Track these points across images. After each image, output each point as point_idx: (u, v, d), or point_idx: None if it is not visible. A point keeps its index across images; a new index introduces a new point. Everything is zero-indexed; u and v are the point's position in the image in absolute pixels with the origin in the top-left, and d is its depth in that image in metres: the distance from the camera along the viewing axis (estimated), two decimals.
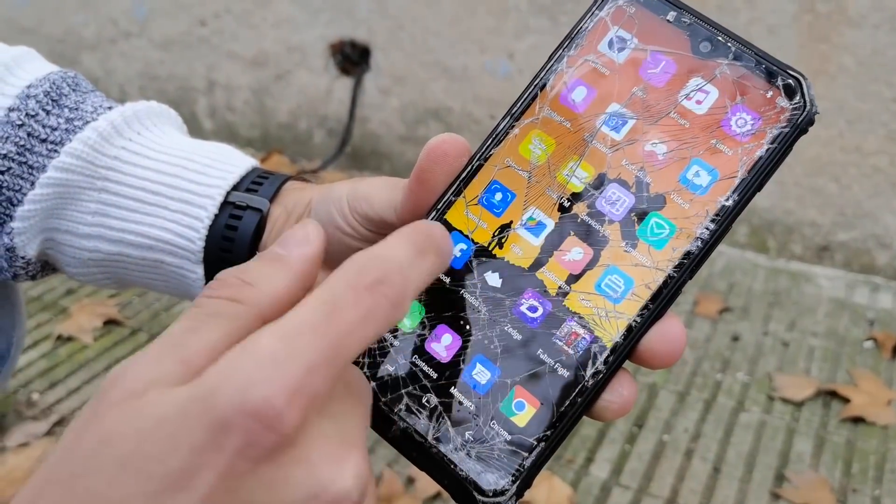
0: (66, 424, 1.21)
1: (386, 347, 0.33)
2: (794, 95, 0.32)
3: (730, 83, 0.32)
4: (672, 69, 0.33)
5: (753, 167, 0.31)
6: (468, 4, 1.80)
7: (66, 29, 2.26)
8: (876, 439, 1.24)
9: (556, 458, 1.18)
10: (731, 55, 0.33)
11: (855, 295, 1.61)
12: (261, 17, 2.03)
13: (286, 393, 0.23)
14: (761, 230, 1.73)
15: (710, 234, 0.31)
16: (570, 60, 0.34)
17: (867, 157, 1.61)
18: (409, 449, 0.31)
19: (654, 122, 0.33)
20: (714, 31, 0.33)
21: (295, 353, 0.23)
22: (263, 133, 2.14)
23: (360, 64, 1.97)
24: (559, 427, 0.31)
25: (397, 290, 0.26)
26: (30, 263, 0.49)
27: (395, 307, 0.26)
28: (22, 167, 0.46)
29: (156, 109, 0.50)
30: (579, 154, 0.33)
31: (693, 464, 1.19)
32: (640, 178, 0.32)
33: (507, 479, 0.30)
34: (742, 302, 1.58)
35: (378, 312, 0.25)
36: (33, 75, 0.48)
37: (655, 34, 0.34)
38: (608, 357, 0.31)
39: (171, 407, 0.23)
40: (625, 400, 0.32)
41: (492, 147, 0.35)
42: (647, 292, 0.31)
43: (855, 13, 1.52)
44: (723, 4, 1.59)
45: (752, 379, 1.37)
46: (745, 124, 0.32)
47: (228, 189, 0.47)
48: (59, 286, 1.53)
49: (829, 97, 1.59)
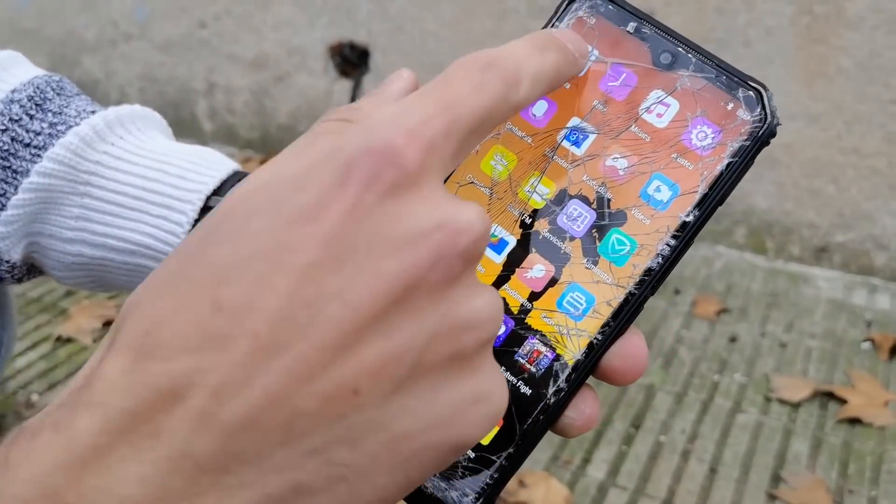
0: None
1: None
2: (755, 108, 0.31)
3: (690, 95, 0.32)
4: (633, 82, 0.33)
5: (714, 181, 0.31)
6: (467, 7, 1.81)
7: (67, 31, 2.27)
8: (873, 440, 1.24)
9: (553, 458, 1.19)
10: (691, 66, 0.32)
11: (853, 296, 1.62)
12: (261, 20, 2.03)
13: (406, 134, 0.24)
14: (759, 231, 1.73)
15: (670, 251, 0.31)
16: None
17: (865, 159, 1.61)
18: None
19: (615, 137, 0.32)
20: (675, 42, 0.33)
21: (412, 109, 0.25)
22: (263, 135, 2.15)
23: (359, 66, 1.98)
24: (522, 445, 0.31)
25: (510, 70, 0.27)
26: (15, 267, 0.49)
27: (507, 84, 0.27)
28: (5, 171, 0.46)
29: (139, 113, 0.51)
30: (540, 170, 0.33)
31: (690, 465, 1.19)
32: (601, 194, 0.32)
33: (470, 497, 0.30)
34: (740, 303, 1.58)
35: (489, 86, 0.26)
36: (18, 79, 0.48)
37: (616, 46, 0.33)
38: (570, 374, 0.31)
39: (304, 160, 0.24)
40: (587, 417, 0.32)
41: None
42: (609, 309, 0.31)
43: (853, 15, 1.52)
44: (721, 6, 1.59)
45: (750, 380, 1.37)
46: (705, 138, 0.31)
47: (209, 194, 0.47)
48: (58, 288, 1.54)
49: (827, 99, 1.60)
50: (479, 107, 0.26)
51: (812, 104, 1.61)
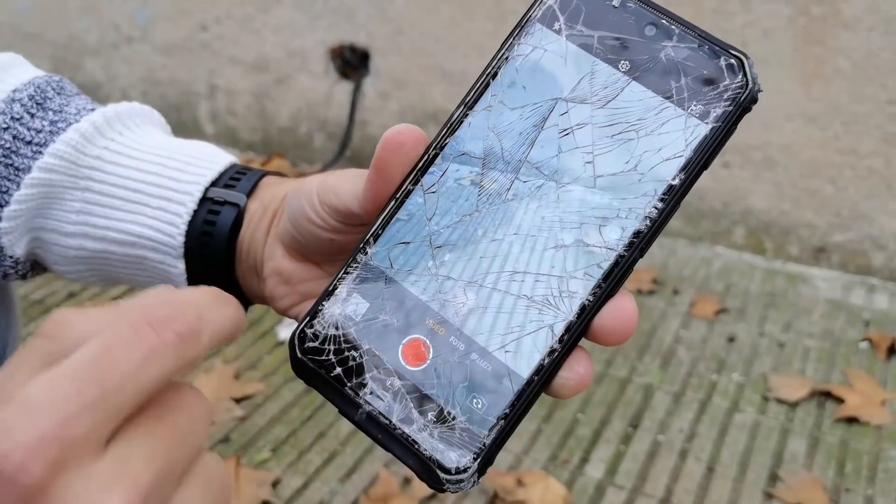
0: None
1: (350, 334, 0.34)
2: (737, 74, 0.32)
3: (674, 66, 0.33)
4: (619, 54, 0.34)
5: (699, 146, 0.32)
6: (466, 9, 1.81)
7: (70, 34, 2.28)
8: (869, 439, 1.24)
9: (551, 458, 1.20)
10: (674, 37, 0.33)
11: (851, 296, 1.62)
12: (261, 23, 2.04)
13: (32, 443, 0.22)
14: (758, 232, 1.74)
15: (658, 213, 0.32)
16: (517, 52, 0.35)
17: (863, 159, 1.62)
18: (375, 431, 0.32)
19: (603, 106, 0.33)
20: (658, 14, 0.34)
21: (50, 401, 0.23)
22: (264, 137, 2.16)
23: (359, 68, 1.99)
24: (517, 405, 0.32)
25: (190, 325, 0.25)
26: (19, 263, 0.50)
27: (185, 343, 0.25)
28: (8, 169, 0.47)
29: (137, 110, 0.52)
30: (528, 146, 0.34)
31: (687, 464, 1.20)
32: (588, 168, 0.33)
33: (468, 458, 0.31)
34: (738, 303, 1.58)
35: (163, 349, 0.25)
36: (19, 80, 0.49)
37: (602, 20, 0.34)
38: (563, 335, 0.32)
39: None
40: (580, 376, 0.33)
41: (447, 136, 0.36)
42: (599, 271, 0.32)
43: (849, 16, 1.53)
44: (718, 8, 1.60)
45: (748, 379, 1.38)
46: (687, 107, 0.33)
47: (207, 185, 0.48)
48: (61, 290, 1.55)
49: (824, 100, 1.60)
50: (151, 375, 0.24)
51: (809, 105, 1.62)
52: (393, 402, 0.32)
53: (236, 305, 0.29)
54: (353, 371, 0.33)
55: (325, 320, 0.34)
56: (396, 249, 0.35)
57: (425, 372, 0.33)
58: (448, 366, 0.33)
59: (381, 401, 0.32)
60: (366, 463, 1.17)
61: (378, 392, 0.33)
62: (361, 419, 0.32)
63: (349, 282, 0.35)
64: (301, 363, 0.34)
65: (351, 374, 0.33)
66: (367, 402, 0.33)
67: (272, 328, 1.44)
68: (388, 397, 0.32)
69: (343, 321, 0.34)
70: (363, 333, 0.34)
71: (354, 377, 0.33)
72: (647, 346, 1.45)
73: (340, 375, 0.33)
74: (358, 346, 0.34)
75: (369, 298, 0.34)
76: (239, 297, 0.51)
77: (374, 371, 0.33)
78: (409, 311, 0.34)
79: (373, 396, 0.33)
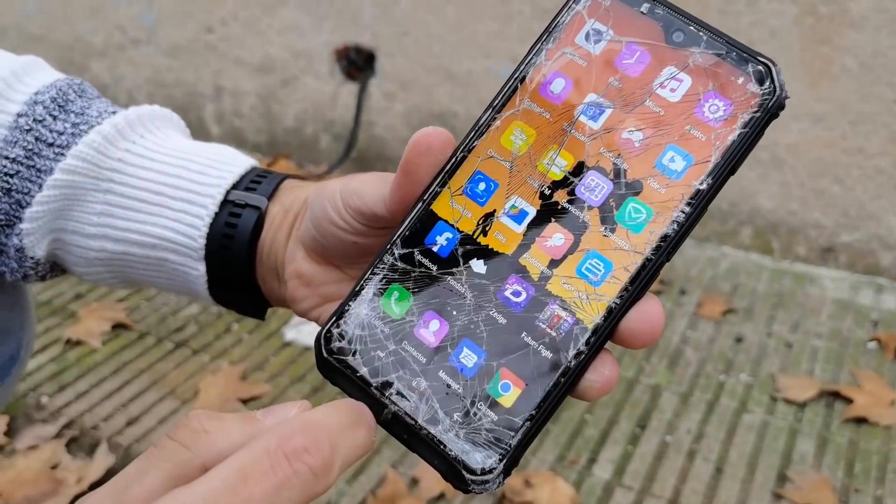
0: (74, 428, 1.23)
1: (376, 334, 0.34)
2: (765, 81, 0.33)
3: (702, 71, 0.34)
4: (646, 59, 0.34)
5: (726, 151, 0.32)
6: (472, 10, 1.81)
7: (75, 36, 2.28)
8: (878, 440, 1.24)
9: (559, 458, 1.19)
10: (702, 44, 0.34)
11: (859, 296, 1.62)
12: (267, 24, 2.04)
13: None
14: (765, 232, 1.74)
15: (685, 218, 0.32)
16: (548, 53, 0.36)
17: (870, 159, 1.61)
18: (400, 431, 0.32)
19: (631, 111, 0.34)
20: (686, 21, 0.35)
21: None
22: (270, 138, 2.16)
23: (365, 69, 1.99)
24: (544, 407, 0.32)
25: (324, 459, 0.26)
26: (39, 264, 0.50)
27: (317, 477, 0.26)
28: (30, 170, 0.47)
29: (158, 113, 0.52)
30: (559, 143, 0.35)
31: (695, 464, 1.20)
32: (618, 165, 0.34)
33: (494, 458, 0.31)
34: (746, 303, 1.58)
35: (296, 482, 0.25)
36: (41, 82, 0.50)
37: (630, 26, 0.35)
38: (589, 338, 0.32)
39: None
40: (606, 379, 0.33)
41: (475, 139, 0.36)
42: (626, 275, 0.32)
43: (856, 15, 1.53)
44: (724, 7, 1.60)
45: (756, 380, 1.37)
46: (717, 110, 0.33)
47: (228, 188, 0.48)
48: (67, 291, 1.55)
49: (831, 99, 1.60)
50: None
51: (816, 104, 1.61)
52: (419, 403, 0.32)
53: (367, 426, 0.29)
54: (379, 371, 0.33)
55: (352, 320, 0.34)
56: (424, 251, 0.35)
57: (451, 373, 0.33)
58: (475, 366, 0.33)
59: (406, 401, 0.33)
60: (373, 464, 1.17)
61: (404, 392, 0.33)
62: (387, 419, 0.33)
63: (376, 282, 0.35)
64: (326, 363, 0.34)
65: (377, 374, 0.33)
66: (393, 403, 0.33)
67: (279, 329, 1.44)
68: (413, 397, 0.33)
69: (369, 321, 0.34)
70: (389, 334, 0.34)
71: (380, 377, 0.33)
72: (655, 346, 1.45)
73: (366, 375, 0.33)
74: (384, 347, 0.34)
75: (398, 295, 0.34)
76: (258, 299, 0.51)
77: (399, 371, 0.33)
78: (436, 311, 0.34)
79: (398, 397, 0.33)
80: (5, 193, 0.47)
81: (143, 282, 0.53)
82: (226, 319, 1.48)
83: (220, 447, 0.27)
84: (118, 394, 1.30)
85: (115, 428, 1.22)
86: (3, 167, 0.47)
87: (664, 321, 0.33)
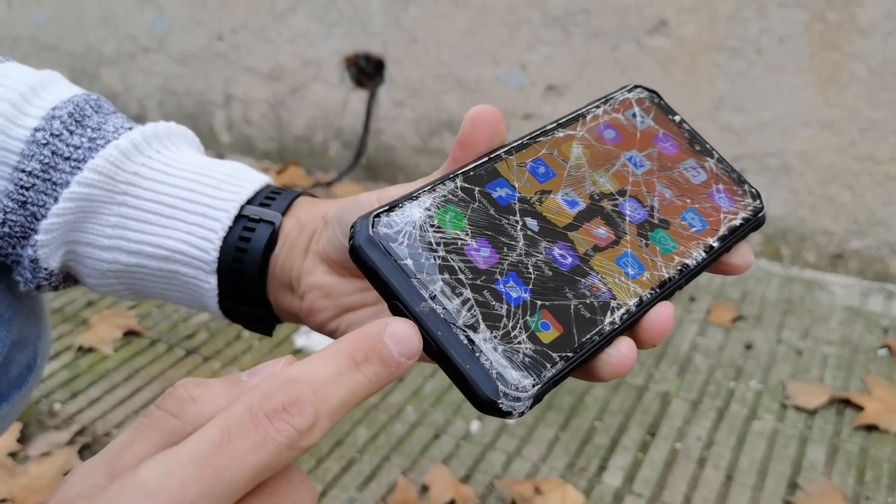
0: (86, 434, 1.23)
1: (427, 237, 0.34)
2: (757, 199, 0.43)
3: (714, 174, 0.43)
4: (675, 149, 0.43)
5: (731, 229, 0.41)
6: (481, 17, 1.82)
7: (87, 45, 2.30)
8: (890, 447, 1.24)
9: (568, 466, 1.19)
10: (715, 158, 0.44)
11: (869, 303, 1.61)
12: (276, 32, 2.06)
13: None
14: (775, 238, 1.73)
15: (702, 259, 0.40)
16: (604, 111, 0.43)
17: (880, 165, 1.61)
18: (435, 328, 0.31)
19: (663, 174, 0.42)
20: (703, 140, 0.44)
21: (167, 487, 0.24)
22: (280, 146, 2.17)
23: (374, 77, 2.00)
24: (579, 353, 0.34)
25: (304, 416, 0.26)
26: (52, 275, 0.51)
27: (301, 434, 0.26)
28: (46, 183, 0.48)
29: (174, 129, 0.53)
30: (608, 170, 0.41)
31: (706, 472, 1.19)
32: (652, 203, 0.40)
33: (529, 381, 0.32)
34: (755, 310, 1.58)
35: (280, 438, 0.25)
36: (58, 97, 0.50)
37: (664, 124, 0.44)
38: (623, 314, 0.36)
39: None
40: (623, 356, 0.35)
41: (539, 136, 0.41)
42: (656, 279, 0.37)
43: (866, 22, 1.53)
44: (733, 15, 1.60)
45: (766, 387, 1.37)
46: (724, 203, 0.42)
47: (243, 203, 0.49)
48: (79, 298, 1.56)
49: (840, 106, 1.60)
50: (261, 463, 0.25)
51: (826, 111, 1.61)
52: (461, 308, 0.32)
53: (379, 364, 0.28)
54: (425, 268, 0.33)
55: (404, 215, 0.34)
56: (484, 192, 0.37)
57: (496, 295, 0.33)
58: (518, 298, 0.34)
59: (448, 301, 0.32)
60: (384, 470, 1.18)
61: (447, 293, 0.32)
62: (423, 312, 0.32)
63: (434, 197, 0.35)
64: (371, 241, 0.33)
65: (422, 270, 0.32)
66: (435, 298, 0.32)
67: (289, 336, 1.45)
68: (456, 301, 0.32)
69: (422, 223, 0.34)
70: (440, 240, 0.34)
71: (426, 273, 0.32)
72: (664, 353, 1.45)
73: (410, 266, 0.32)
74: (433, 249, 0.33)
75: (453, 215, 0.35)
76: (267, 314, 0.51)
77: (445, 275, 0.33)
78: (488, 242, 0.35)
79: (441, 295, 0.32)
80: (21, 206, 0.48)
81: (154, 294, 0.53)
82: (236, 327, 1.48)
83: (208, 412, 0.27)
84: (130, 400, 1.31)
85: None
86: (19, 180, 0.48)
87: (673, 320, 0.37)
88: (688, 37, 1.64)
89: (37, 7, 2.33)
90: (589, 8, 1.71)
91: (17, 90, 0.49)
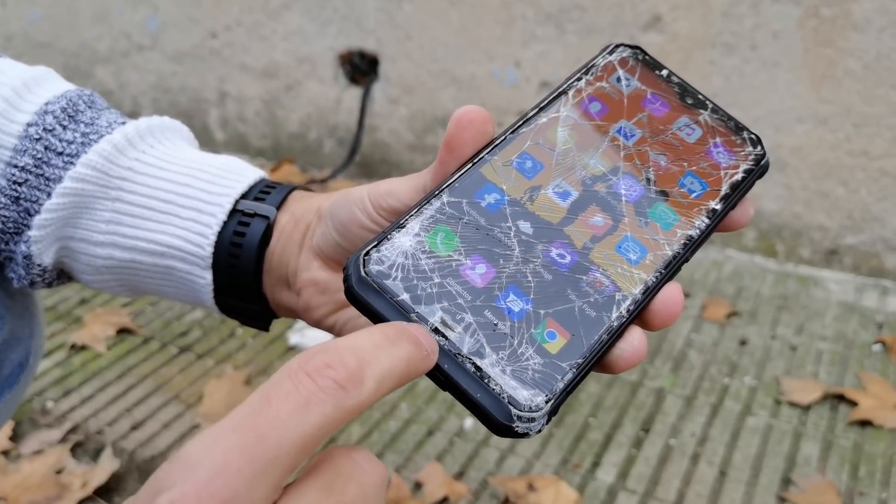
0: (79, 432, 1.23)
1: (420, 265, 0.33)
2: (758, 146, 0.41)
3: (710, 127, 0.41)
4: (666, 108, 0.41)
5: (733, 184, 0.39)
6: (475, 14, 1.82)
7: (81, 43, 2.29)
8: (884, 443, 1.24)
9: (562, 462, 1.19)
10: (709, 109, 0.42)
11: (864, 298, 1.61)
12: (271, 30, 2.05)
13: (188, 500, 0.22)
14: (769, 234, 1.73)
15: (705, 227, 0.38)
16: (587, 82, 0.41)
17: (874, 161, 1.61)
18: (441, 362, 0.31)
19: (656, 140, 0.40)
20: (695, 91, 0.42)
21: (211, 457, 0.23)
22: (274, 143, 2.16)
23: (368, 74, 1.99)
24: (589, 358, 0.33)
25: (349, 370, 0.25)
26: (46, 271, 0.50)
27: (346, 390, 0.25)
28: (39, 179, 0.48)
29: (168, 124, 0.52)
30: (598, 148, 0.39)
31: (699, 468, 1.19)
32: (648, 176, 0.39)
33: (542, 398, 0.31)
34: (750, 306, 1.58)
35: (323, 396, 0.24)
36: (51, 93, 0.50)
37: (652, 82, 0.42)
38: (630, 306, 0.35)
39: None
40: (636, 348, 0.34)
41: (521, 126, 0.39)
42: (660, 259, 0.36)
43: (860, 17, 1.53)
44: (727, 10, 1.60)
45: (760, 383, 1.37)
46: (723, 157, 0.40)
47: (237, 197, 0.49)
48: (72, 296, 1.55)
49: (835, 101, 1.60)
50: (309, 424, 0.24)
51: (820, 107, 1.61)
52: (464, 335, 0.32)
53: (411, 343, 0.28)
54: (422, 299, 0.32)
55: (394, 248, 0.34)
56: (472, 203, 0.36)
57: (498, 313, 0.33)
58: (521, 311, 0.33)
59: (451, 331, 0.32)
60: None
61: (448, 322, 0.32)
62: None
63: (422, 220, 0.35)
64: (364, 283, 0.32)
65: (419, 302, 0.32)
66: (437, 331, 0.32)
67: (283, 333, 1.45)
68: (458, 329, 0.32)
69: (414, 252, 0.34)
70: (434, 267, 0.33)
71: (423, 305, 0.32)
72: (659, 349, 1.45)
73: (407, 301, 0.32)
74: (428, 278, 0.33)
75: (444, 235, 0.35)
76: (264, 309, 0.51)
77: (444, 303, 0.32)
78: (483, 257, 0.34)
79: (442, 325, 0.32)
80: (14, 202, 0.48)
81: (149, 290, 0.53)
82: (230, 324, 1.48)
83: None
84: (123, 398, 1.30)
85: (120, 432, 1.23)
86: (11, 175, 0.47)
87: (683, 303, 0.36)
88: (682, 33, 1.64)
89: (31, 5, 2.32)
90: (583, 4, 1.71)
91: (9, 85, 0.49)
